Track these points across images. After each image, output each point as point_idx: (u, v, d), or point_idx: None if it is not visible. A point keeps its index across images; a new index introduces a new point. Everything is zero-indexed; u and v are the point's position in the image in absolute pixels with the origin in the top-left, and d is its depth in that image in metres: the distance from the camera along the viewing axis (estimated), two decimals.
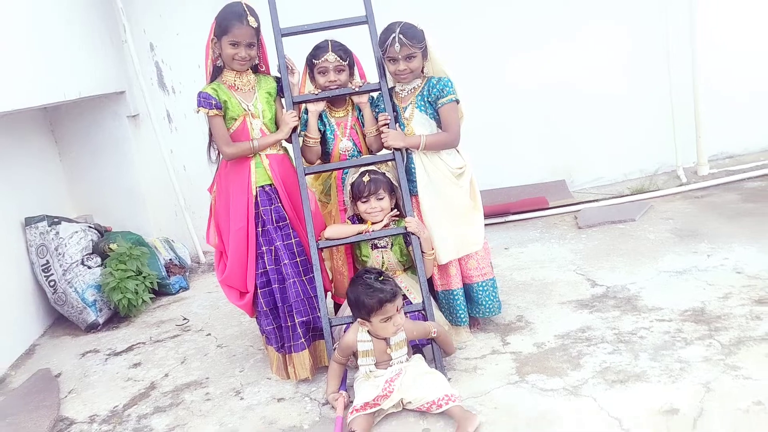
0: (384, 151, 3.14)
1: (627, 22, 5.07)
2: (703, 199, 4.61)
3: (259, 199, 3.00)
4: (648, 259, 3.71)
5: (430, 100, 3.01)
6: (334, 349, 2.83)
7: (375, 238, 3.04)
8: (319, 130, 3.14)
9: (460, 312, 3.11)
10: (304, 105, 3.13)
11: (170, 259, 4.68)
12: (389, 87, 3.09)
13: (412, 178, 3.05)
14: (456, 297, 3.10)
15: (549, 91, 5.10)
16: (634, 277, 3.50)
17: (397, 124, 3.05)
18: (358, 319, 2.71)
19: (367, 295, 2.59)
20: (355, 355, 2.76)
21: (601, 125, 5.20)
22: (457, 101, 2.99)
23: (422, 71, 3.03)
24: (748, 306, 2.98)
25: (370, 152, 3.19)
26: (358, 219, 3.11)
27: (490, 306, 3.16)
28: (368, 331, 2.70)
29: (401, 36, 2.87)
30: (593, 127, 5.20)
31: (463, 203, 3.06)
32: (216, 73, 3.04)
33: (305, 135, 3.09)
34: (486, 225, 3.24)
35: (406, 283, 3.05)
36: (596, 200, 4.91)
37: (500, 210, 4.87)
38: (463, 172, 3.03)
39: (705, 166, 5.09)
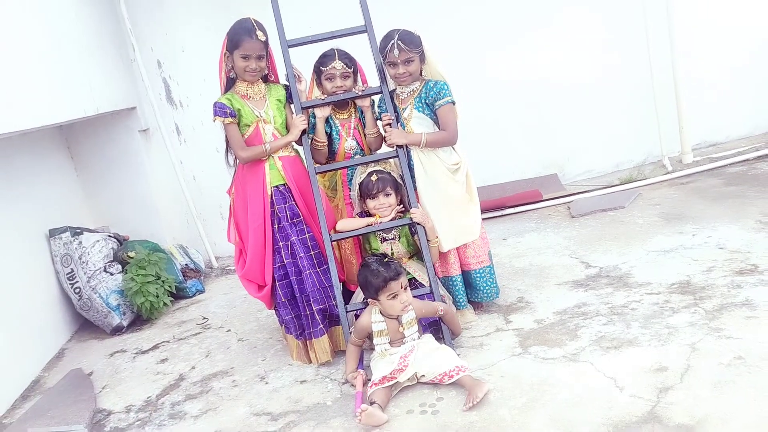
0: (385, 150, 3.40)
1: (602, 9, 5.31)
2: (689, 185, 4.87)
3: (274, 198, 3.25)
4: (637, 241, 3.97)
5: (427, 101, 3.26)
6: (351, 333, 3.07)
7: (383, 230, 3.28)
8: (326, 132, 3.39)
9: (459, 296, 3.38)
10: (311, 109, 3.38)
11: (186, 264, 4.91)
12: (390, 90, 3.34)
13: (411, 174, 3.29)
14: (455, 282, 3.36)
15: (535, 87, 5.36)
16: (624, 258, 3.75)
17: (398, 124, 3.30)
18: (369, 300, 2.95)
19: (373, 275, 2.87)
20: (370, 337, 3.00)
21: (588, 119, 5.47)
22: (453, 102, 3.25)
23: (420, 74, 3.28)
24: (729, 277, 3.23)
25: (371, 151, 3.45)
26: (366, 214, 3.36)
27: (488, 291, 3.41)
28: (380, 311, 2.94)
29: (400, 42, 3.13)
30: (580, 120, 5.47)
31: (460, 196, 3.31)
32: (229, 84, 3.29)
33: (314, 139, 3.35)
34: (484, 218, 3.49)
35: (414, 267, 3.29)
36: (587, 191, 5.17)
37: (497, 204, 5.13)
38: (458, 167, 3.29)
39: (689, 155, 5.36)
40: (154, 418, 3.05)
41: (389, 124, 3.25)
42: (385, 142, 3.30)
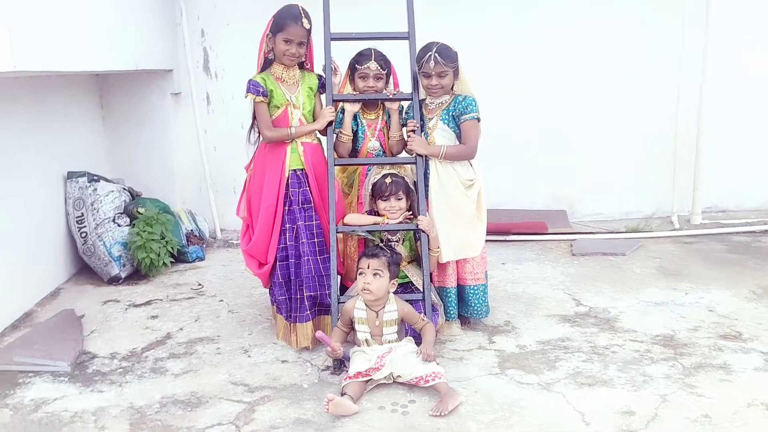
0: (405, 155, 3.49)
1: (640, 57, 5.41)
2: (692, 245, 4.94)
3: (290, 181, 3.34)
4: (631, 289, 4.04)
5: (454, 114, 3.36)
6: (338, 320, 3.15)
7: (388, 232, 3.37)
8: (353, 129, 3.49)
9: (451, 308, 3.47)
10: (341, 104, 3.48)
11: (191, 230, 5.01)
12: (420, 99, 3.44)
13: (426, 182, 3.39)
14: (449, 294, 3.45)
15: (559, 120, 5.46)
16: (616, 303, 3.82)
17: (422, 133, 3.39)
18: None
19: (364, 250, 3.03)
20: (354, 329, 3.08)
21: (606, 161, 5.55)
22: (478, 119, 3.35)
23: (452, 89, 3.38)
24: (713, 339, 3.30)
25: (392, 155, 3.54)
26: (375, 213, 3.45)
27: (479, 308, 3.50)
28: (365, 302, 3.03)
29: (437, 55, 3.23)
30: (598, 162, 5.55)
31: (469, 212, 3.40)
32: (266, 64, 3.39)
33: (340, 132, 3.44)
34: (487, 240, 3.57)
35: (412, 271, 3.38)
36: (592, 233, 5.24)
37: (502, 229, 5.20)
38: (473, 184, 3.38)
39: (698, 216, 5.42)
40: (136, 369, 3.14)
41: (413, 131, 3.35)
42: (406, 148, 3.40)
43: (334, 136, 3.45)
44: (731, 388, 2.82)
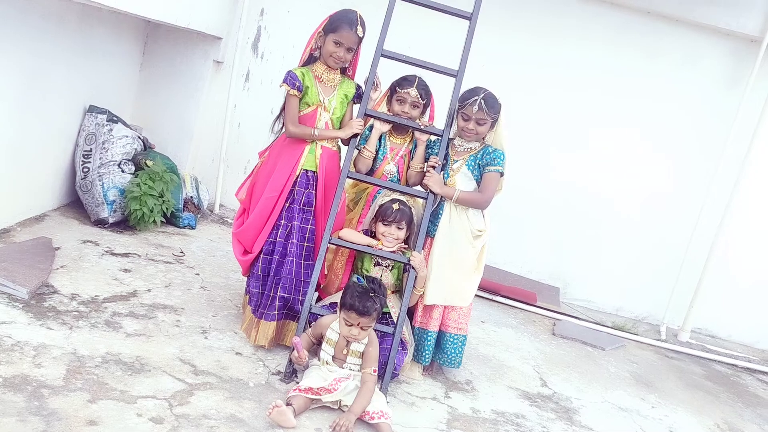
0: (419, 188, 3.45)
1: (674, 169, 5.39)
2: (672, 360, 4.85)
3: (299, 179, 3.30)
4: (600, 385, 3.95)
5: (480, 163, 3.34)
6: (305, 330, 3.07)
7: (380, 257, 3.31)
8: (375, 148, 3.45)
9: (426, 352, 3.39)
10: (370, 121, 3.45)
11: (191, 197, 4.96)
12: (449, 137, 3.41)
13: (435, 221, 3.35)
14: (429, 338, 3.38)
15: (573, 199, 5.43)
16: (581, 395, 3.74)
17: (443, 172, 3.35)
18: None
19: (351, 293, 2.88)
20: (319, 342, 3.01)
21: (611, 254, 5.50)
22: (502, 174, 3.32)
23: (483, 138, 3.35)
24: None
25: (407, 185, 3.50)
26: (371, 234, 3.40)
27: (453, 358, 3.42)
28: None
29: (483, 101, 3.22)
30: (604, 253, 5.50)
31: (470, 261, 3.35)
32: (309, 60, 3.37)
33: (364, 147, 3.41)
34: (475, 295, 3.51)
35: (394, 302, 3.31)
36: (579, 318, 5.16)
37: (491, 287, 5.14)
38: (481, 235, 3.35)
39: (687, 334, 5.34)
40: (92, 317, 3.07)
41: (433, 167, 3.31)
42: (422, 182, 3.35)
43: (356, 151, 3.41)
44: None
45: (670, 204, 5.43)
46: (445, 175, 3.36)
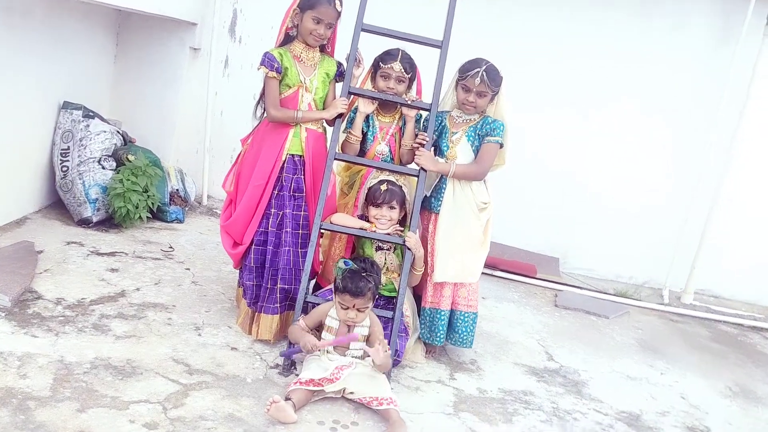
0: (413, 165, 3.33)
1: (669, 135, 5.27)
2: (677, 324, 4.78)
3: (286, 165, 3.17)
4: (607, 355, 3.87)
5: (480, 133, 3.24)
6: (300, 319, 2.93)
7: (379, 240, 3.20)
8: (362, 131, 3.32)
9: (440, 332, 3.28)
10: (355, 104, 3.31)
11: (177, 190, 4.83)
12: (446, 110, 3.31)
13: (439, 197, 3.25)
14: (441, 317, 3.27)
15: (571, 169, 5.31)
16: (588, 366, 3.66)
17: (431, 148, 3.22)
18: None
19: (344, 275, 2.78)
20: (319, 330, 2.91)
21: (609, 221, 5.39)
22: (501, 145, 3.22)
23: (483, 111, 3.26)
24: (679, 428, 3.14)
25: (401, 164, 3.37)
26: (366, 218, 3.28)
27: (465, 337, 3.32)
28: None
29: (485, 73, 3.12)
30: (602, 220, 5.39)
31: (476, 236, 3.26)
32: (286, 40, 3.22)
33: (349, 132, 3.28)
34: None
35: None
36: (580, 288, 5.08)
37: (490, 262, 5.02)
38: (486, 207, 3.26)
39: (690, 296, 5.27)
40: (78, 321, 2.96)
41: (422, 144, 3.18)
42: (414, 161, 3.23)
43: (344, 135, 3.29)
44: None
45: (668, 167, 5.32)
46: (445, 147, 3.26)
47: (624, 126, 5.28)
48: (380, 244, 3.27)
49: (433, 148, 3.25)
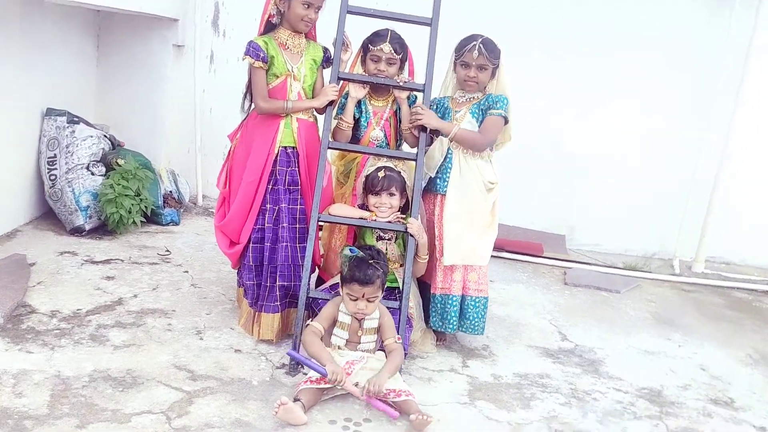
0: (407, 149, 3.22)
1: (670, 102, 5.14)
2: (690, 294, 4.68)
3: (279, 158, 3.05)
4: (621, 331, 3.77)
5: (483, 109, 3.14)
6: (307, 325, 2.78)
7: (380, 229, 3.09)
8: (355, 117, 3.20)
9: (453, 318, 3.16)
10: (345, 89, 3.19)
11: (170, 192, 4.72)
12: (447, 95, 3.23)
13: (445, 177, 3.14)
14: (453, 302, 3.16)
15: (571, 143, 5.18)
16: (603, 343, 3.55)
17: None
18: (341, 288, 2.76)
19: (350, 265, 2.66)
20: (328, 331, 2.80)
21: (614, 194, 5.27)
22: (506, 119, 3.12)
23: (485, 88, 3.16)
24: (702, 402, 3.04)
25: (399, 148, 3.25)
26: (366, 207, 3.16)
27: (476, 323, 3.21)
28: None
29: (482, 46, 3.03)
30: (606, 193, 5.27)
31: (484, 217, 3.17)
32: (268, 28, 3.09)
33: (340, 118, 3.16)
34: None
35: (401, 275, 3.08)
36: (589, 264, 4.97)
37: (496, 244, 4.87)
38: (493, 187, 3.16)
39: (701, 264, 5.16)
40: (75, 333, 2.86)
41: (418, 113, 3.04)
42: (414, 124, 3.06)
43: (335, 121, 3.17)
44: None
45: (669, 138, 5.17)
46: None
47: (626, 100, 5.14)
48: (381, 234, 3.16)
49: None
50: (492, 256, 4.74)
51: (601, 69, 5.12)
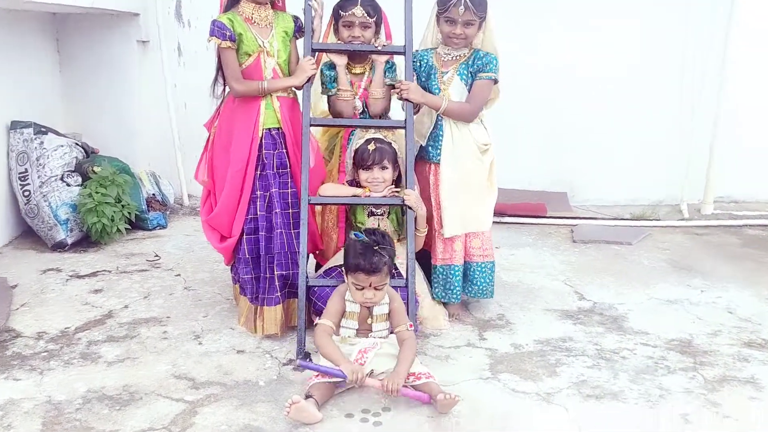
0: (395, 117, 3.02)
1: (662, 42, 4.93)
2: (703, 237, 4.51)
3: (263, 141, 2.85)
4: (639, 283, 3.60)
5: (472, 70, 2.97)
6: (316, 325, 2.58)
7: (372, 205, 2.91)
8: (332, 89, 3.00)
9: (456, 288, 3.05)
10: (323, 59, 2.99)
11: (153, 194, 4.50)
12: (429, 47, 3.03)
13: (437, 145, 3.00)
14: (455, 273, 3.04)
15: (563, 95, 4.96)
16: (623, 298, 3.39)
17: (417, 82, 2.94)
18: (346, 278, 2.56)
19: (353, 252, 2.46)
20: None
21: (612, 144, 5.07)
22: (496, 81, 2.97)
23: (471, 43, 2.98)
24: (736, 347, 2.87)
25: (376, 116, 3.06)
26: (356, 184, 2.98)
27: (485, 288, 3.10)
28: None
29: (468, 0, 2.80)
30: (604, 144, 5.07)
31: (481, 181, 3.03)
32: (231, 4, 2.88)
33: (339, 89, 2.99)
34: None
35: (400, 251, 2.90)
36: (595, 218, 4.80)
37: (497, 209, 4.70)
38: (488, 149, 3.02)
39: (710, 206, 4.99)
40: (64, 353, 2.67)
41: (403, 86, 2.85)
42: (400, 98, 2.89)
43: (325, 96, 3.00)
44: (763, 409, 2.40)
45: (665, 80, 4.96)
46: (436, 89, 2.98)
47: (616, 43, 4.91)
48: (373, 210, 2.98)
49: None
50: (495, 222, 4.61)
51: (582, 12, 4.88)
